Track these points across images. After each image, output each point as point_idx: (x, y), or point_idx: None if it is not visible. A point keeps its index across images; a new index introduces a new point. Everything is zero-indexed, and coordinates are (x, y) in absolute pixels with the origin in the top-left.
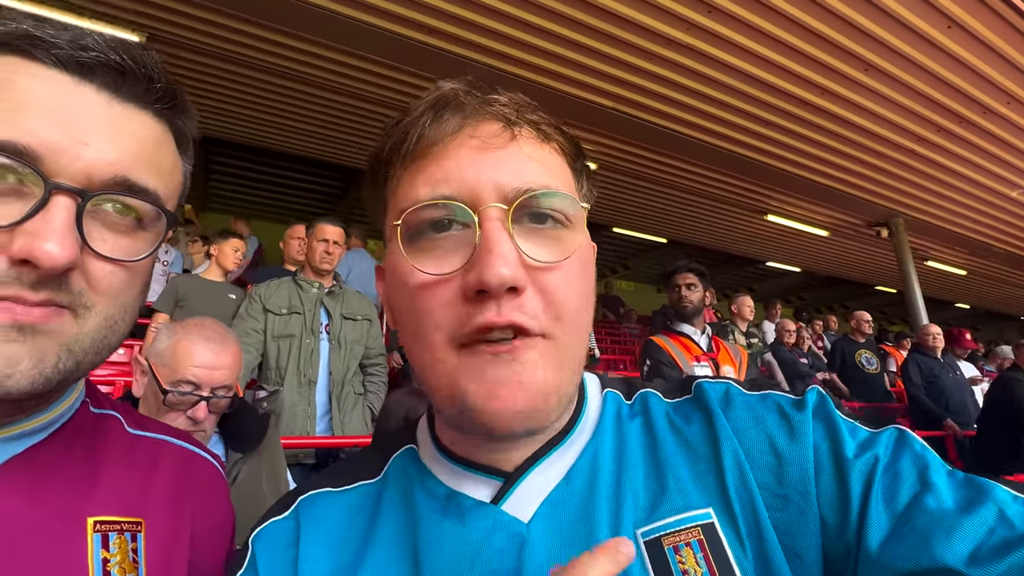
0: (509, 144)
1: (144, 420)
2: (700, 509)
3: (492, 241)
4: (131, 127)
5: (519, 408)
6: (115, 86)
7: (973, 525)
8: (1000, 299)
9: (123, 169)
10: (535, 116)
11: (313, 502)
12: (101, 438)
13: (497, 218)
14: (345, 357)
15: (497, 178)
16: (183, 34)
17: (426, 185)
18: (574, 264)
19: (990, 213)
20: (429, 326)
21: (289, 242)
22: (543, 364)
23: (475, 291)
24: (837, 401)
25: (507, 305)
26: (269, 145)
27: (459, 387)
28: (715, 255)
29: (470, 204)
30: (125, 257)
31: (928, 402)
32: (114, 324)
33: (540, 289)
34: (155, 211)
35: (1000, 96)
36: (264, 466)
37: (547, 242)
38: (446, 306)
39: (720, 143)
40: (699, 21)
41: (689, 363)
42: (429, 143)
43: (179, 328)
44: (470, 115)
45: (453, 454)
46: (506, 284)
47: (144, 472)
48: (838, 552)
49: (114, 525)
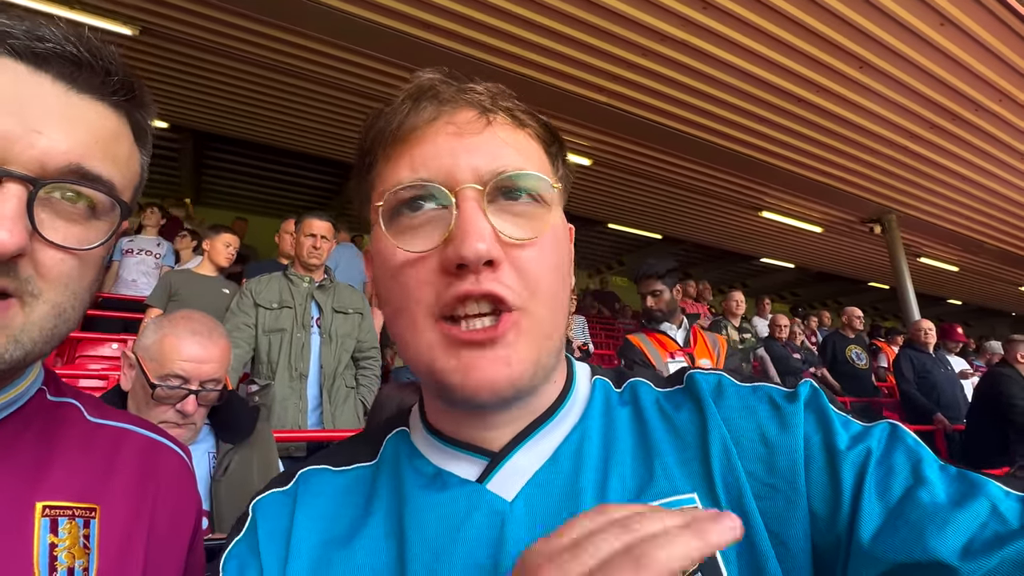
0: (484, 130)
1: (107, 409)
2: (685, 494)
3: (469, 219)
4: (86, 117)
5: (493, 379)
6: (71, 77)
7: (966, 519)
8: (991, 295)
9: (77, 157)
10: (510, 103)
11: (312, 477)
12: (57, 424)
13: (473, 198)
14: (336, 351)
15: (473, 161)
16: (177, 28)
17: (406, 169)
18: (548, 242)
19: (982, 210)
20: (410, 300)
21: (283, 236)
22: (517, 340)
23: (454, 265)
24: (830, 395)
25: (484, 277)
26: (264, 140)
27: (438, 363)
28: (710, 251)
29: (447, 186)
30: (76, 245)
31: (920, 397)
32: (63, 313)
33: (515, 265)
34: (109, 200)
35: (992, 93)
36: (255, 456)
37: (520, 221)
38: (425, 282)
39: (715, 139)
40: (695, 17)
41: (663, 360)
42: (408, 130)
43: (166, 322)
44: (446, 103)
45: (441, 434)
46: (483, 258)
47: (103, 459)
48: (828, 543)
49: (65, 510)
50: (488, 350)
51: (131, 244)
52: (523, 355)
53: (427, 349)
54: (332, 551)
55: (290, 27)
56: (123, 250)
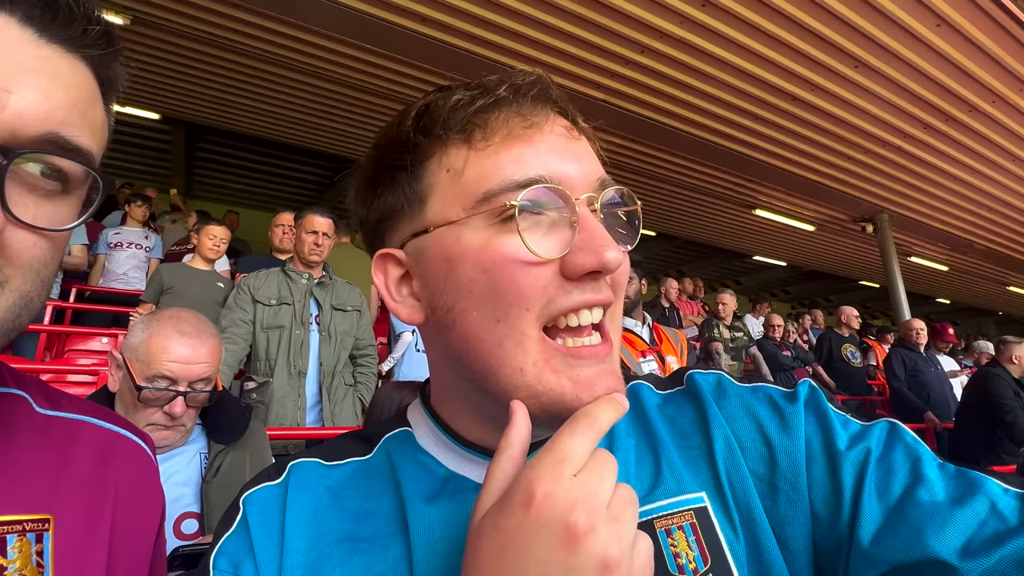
0: (581, 138)
1: (60, 398)
2: (693, 493)
3: (598, 227)
4: (63, 74)
5: (612, 389)
6: (42, 22)
7: (965, 518)
8: (979, 294)
9: (56, 124)
10: (585, 119)
11: (303, 470)
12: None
13: (592, 205)
14: (335, 348)
15: (583, 168)
16: (169, 18)
17: (516, 163)
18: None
19: (972, 210)
20: (518, 306)
21: (274, 230)
22: (615, 352)
23: (585, 271)
24: (829, 394)
25: (603, 284)
26: (257, 133)
27: (552, 382)
28: (703, 248)
29: (570, 189)
30: (48, 226)
31: (910, 395)
32: (30, 301)
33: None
34: (84, 172)
35: (986, 94)
36: (248, 456)
37: (621, 234)
38: (540, 287)
39: (711, 137)
40: (692, 15)
41: (636, 359)
42: (523, 123)
43: (154, 321)
44: (558, 104)
45: (458, 436)
46: (619, 264)
47: (56, 459)
48: (829, 543)
49: (14, 526)
50: (601, 365)
51: (118, 237)
52: (618, 362)
53: (533, 366)
54: (329, 547)
55: (283, 18)
56: (110, 243)
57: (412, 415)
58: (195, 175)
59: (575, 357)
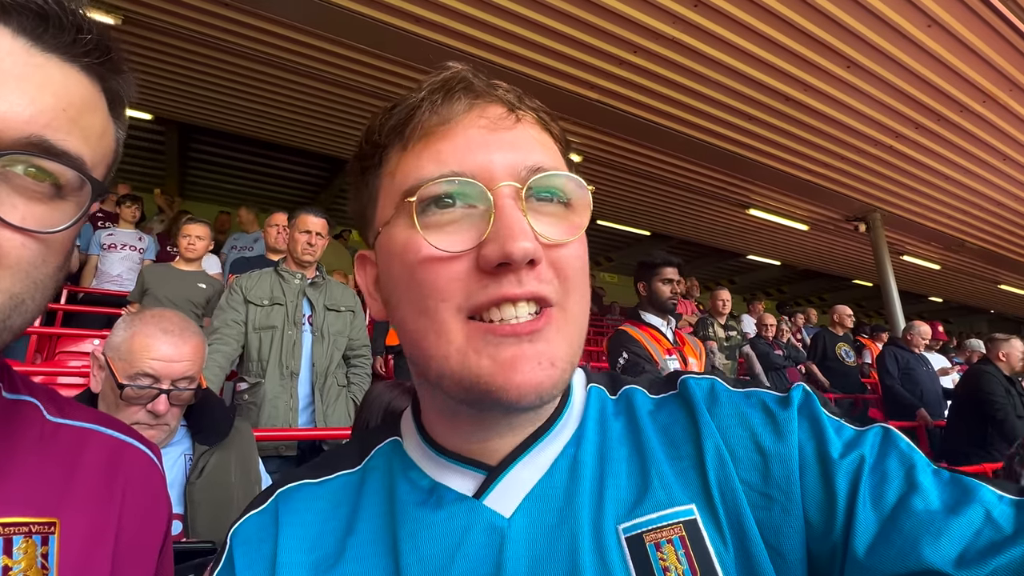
0: (515, 126)
1: (70, 406)
2: (683, 505)
3: (511, 217)
4: (52, 80)
5: (539, 380)
6: (35, 32)
7: (960, 527)
8: (971, 293)
9: (39, 128)
10: (534, 104)
11: (292, 495)
12: (13, 427)
13: (511, 196)
14: (328, 348)
15: (508, 158)
16: (161, 18)
17: (434, 162)
18: (579, 243)
19: (964, 209)
20: (434, 299)
21: (267, 230)
22: (557, 337)
23: (494, 264)
24: (823, 398)
25: (526, 277)
26: (250, 133)
27: (473, 366)
28: (697, 248)
29: (483, 182)
30: (38, 228)
31: (904, 392)
32: (20, 304)
33: (553, 265)
34: (78, 178)
35: (976, 95)
36: (232, 457)
37: (556, 221)
38: (456, 280)
39: (704, 137)
40: (685, 15)
41: (663, 355)
42: (440, 121)
43: (136, 320)
44: (479, 96)
45: (439, 446)
46: (528, 256)
47: (64, 465)
48: (823, 552)
49: (21, 527)
50: (530, 345)
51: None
52: (562, 353)
53: (457, 351)
54: (321, 571)
55: (276, 18)
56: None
57: (403, 424)
58: (188, 175)
59: (494, 334)
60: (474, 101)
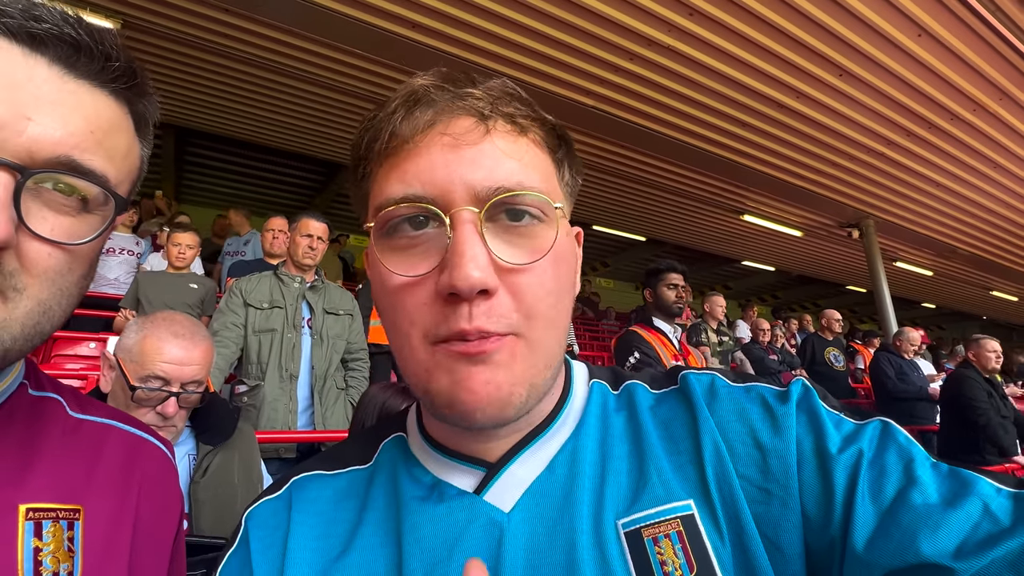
0: (482, 140)
1: (90, 403)
2: (681, 501)
3: (463, 244)
4: (82, 105)
5: (484, 403)
6: (68, 61)
7: (958, 521)
8: (963, 299)
9: (68, 148)
10: (511, 108)
11: (305, 484)
12: (40, 422)
13: (468, 220)
14: (327, 352)
15: (468, 178)
16: (159, 22)
17: (399, 183)
18: (548, 263)
19: (956, 216)
20: (405, 322)
21: (264, 234)
22: (511, 362)
23: (447, 293)
24: (822, 392)
25: (477, 309)
26: (247, 137)
27: (431, 382)
28: (692, 253)
29: (442, 205)
30: (65, 239)
31: (903, 387)
32: (48, 310)
33: (512, 290)
34: (103, 194)
35: (967, 103)
36: (236, 458)
37: (521, 241)
38: (422, 304)
39: (699, 143)
40: (680, 23)
41: (671, 360)
42: (401, 140)
43: (148, 323)
44: (442, 111)
45: (439, 444)
46: (475, 288)
47: (86, 457)
48: (822, 546)
49: (49, 513)
50: (479, 366)
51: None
52: (517, 377)
53: (423, 369)
54: (329, 560)
55: (273, 23)
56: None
57: (408, 421)
58: (184, 179)
59: (451, 354)
60: (436, 116)
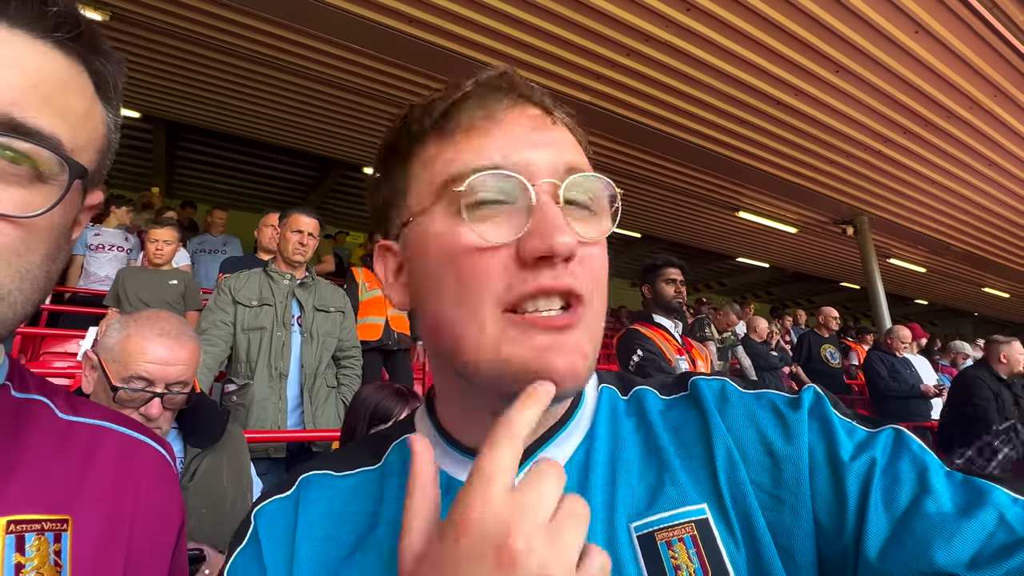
0: (552, 128)
1: (82, 404)
2: (695, 504)
3: (553, 212)
4: (19, 58)
5: (576, 363)
6: (2, 8)
7: (973, 530)
8: (956, 296)
9: (6, 105)
10: (566, 110)
11: (314, 482)
12: (24, 426)
13: (550, 192)
14: (317, 350)
15: (549, 155)
16: (149, 14)
17: (478, 154)
18: (602, 246)
19: (950, 213)
20: (477, 290)
21: (263, 230)
22: (587, 334)
23: (536, 257)
24: (834, 399)
25: (563, 271)
26: (240, 132)
27: (506, 352)
28: (687, 250)
29: (526, 177)
30: (15, 212)
31: (895, 385)
32: (7, 295)
33: (584, 262)
34: (55, 160)
35: (963, 101)
36: (225, 461)
37: (589, 218)
38: (496, 272)
39: (695, 140)
40: (677, 19)
41: (674, 355)
42: (486, 115)
43: (131, 322)
44: (523, 96)
45: (455, 440)
46: (569, 250)
47: (76, 462)
48: (835, 554)
49: (33, 525)
50: (565, 335)
51: (98, 239)
52: (591, 347)
53: (492, 340)
54: (338, 560)
55: (267, 16)
56: (90, 245)
57: (418, 420)
58: (176, 175)
59: (535, 325)
60: (517, 100)
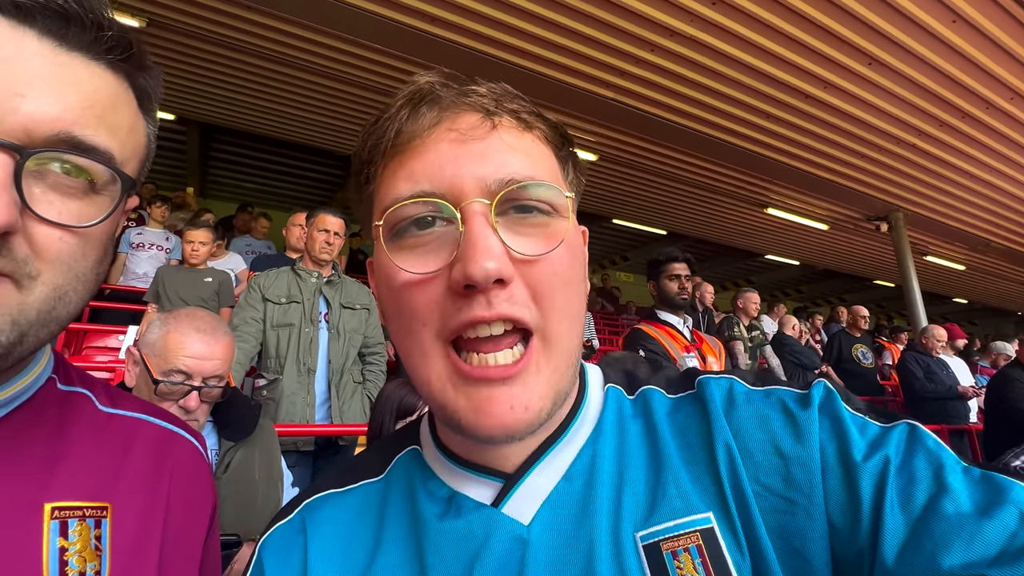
0: (489, 135)
1: (120, 397)
2: (700, 513)
3: (476, 235)
4: (78, 79)
5: (508, 424)
6: (59, 33)
7: (993, 531)
8: (997, 294)
9: (67, 124)
10: (515, 105)
11: (318, 504)
12: (68, 417)
13: (480, 212)
14: (344, 346)
15: (478, 171)
16: (184, 20)
17: (406, 181)
18: (561, 254)
19: (990, 209)
20: (416, 322)
21: (291, 229)
22: (536, 380)
23: (462, 286)
24: (845, 393)
25: (496, 298)
26: (269, 133)
27: (449, 399)
28: (714, 247)
29: (452, 199)
30: (74, 222)
31: (931, 386)
32: (64, 295)
33: (527, 282)
34: (108, 173)
35: (1003, 91)
36: (257, 454)
37: (533, 232)
38: (433, 303)
39: (721, 135)
40: (703, 13)
41: (680, 353)
42: (407, 138)
43: (171, 319)
44: (447, 107)
45: (454, 455)
46: (491, 277)
47: (115, 452)
48: (850, 556)
49: (75, 511)
50: (504, 388)
51: (140, 238)
52: (540, 393)
53: (437, 380)
54: None
55: (294, 19)
56: (132, 244)
57: (421, 433)
58: (209, 175)
59: (472, 377)
60: (442, 113)
